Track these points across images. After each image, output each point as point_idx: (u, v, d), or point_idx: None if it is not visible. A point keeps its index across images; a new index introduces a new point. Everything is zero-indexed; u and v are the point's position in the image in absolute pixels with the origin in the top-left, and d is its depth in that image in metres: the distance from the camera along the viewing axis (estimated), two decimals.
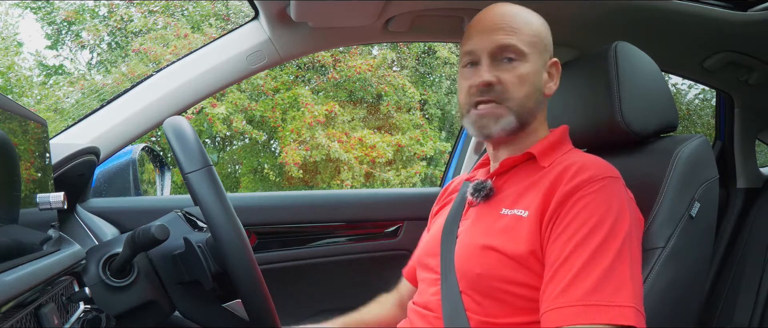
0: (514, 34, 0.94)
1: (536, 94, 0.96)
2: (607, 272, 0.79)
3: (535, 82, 0.96)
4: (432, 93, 7.96)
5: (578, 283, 0.79)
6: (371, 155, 7.11)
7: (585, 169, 0.88)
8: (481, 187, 0.98)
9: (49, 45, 7.89)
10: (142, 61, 6.70)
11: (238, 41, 1.39)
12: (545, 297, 0.83)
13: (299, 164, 6.88)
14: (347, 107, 7.50)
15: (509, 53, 0.94)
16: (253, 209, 1.60)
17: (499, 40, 0.93)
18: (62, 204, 0.78)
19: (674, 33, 1.44)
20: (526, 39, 0.94)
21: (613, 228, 0.82)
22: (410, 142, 7.34)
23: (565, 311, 0.79)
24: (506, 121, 0.94)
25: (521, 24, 0.95)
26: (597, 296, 0.78)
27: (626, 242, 0.82)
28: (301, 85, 7.37)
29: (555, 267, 0.82)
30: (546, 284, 0.83)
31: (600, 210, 0.83)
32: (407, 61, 7.84)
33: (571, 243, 0.82)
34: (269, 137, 7.61)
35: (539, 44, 0.97)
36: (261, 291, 0.90)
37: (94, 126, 1.32)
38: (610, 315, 0.77)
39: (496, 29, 0.94)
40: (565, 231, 0.84)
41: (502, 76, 0.93)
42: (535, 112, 0.97)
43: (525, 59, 0.94)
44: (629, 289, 0.79)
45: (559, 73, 1.02)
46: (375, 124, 7.71)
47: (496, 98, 0.94)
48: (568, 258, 0.81)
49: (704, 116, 7.52)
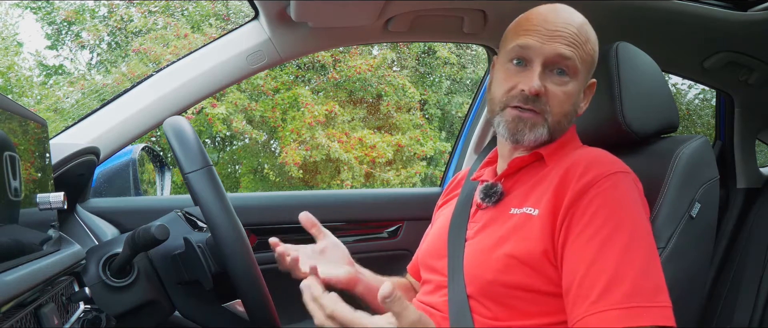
0: (575, 48, 0.89)
1: (572, 113, 0.94)
2: (643, 271, 0.78)
3: (575, 102, 0.94)
4: (432, 93, 7.96)
5: (616, 285, 0.77)
6: (371, 155, 7.11)
7: (595, 164, 0.86)
8: (492, 191, 0.96)
9: (49, 45, 7.90)
10: (142, 61, 6.70)
11: (238, 41, 1.38)
12: (579, 301, 0.80)
13: (299, 164, 6.88)
14: (347, 107, 7.50)
15: (564, 66, 0.90)
16: (253, 209, 1.60)
17: (561, 51, 0.89)
18: (62, 204, 0.78)
19: (674, 33, 1.44)
20: (583, 56, 0.91)
21: (635, 225, 0.81)
22: (410, 142, 7.34)
23: (606, 314, 0.76)
24: (540, 132, 0.91)
25: (583, 39, 0.91)
26: (638, 298, 0.76)
27: (652, 240, 0.82)
28: (301, 85, 7.37)
29: (583, 269, 0.80)
30: (577, 287, 0.80)
31: (618, 207, 0.82)
32: (407, 61, 7.85)
33: (594, 243, 0.80)
34: (269, 137, 7.61)
35: (591, 64, 0.94)
36: (261, 291, 0.90)
37: (94, 126, 1.32)
38: (652, 316, 0.76)
39: (558, 36, 0.89)
40: (585, 230, 0.82)
41: (549, 88, 0.90)
42: (565, 130, 0.96)
43: (576, 77, 0.91)
44: (665, 287, 0.79)
45: (592, 94, 0.99)
46: (375, 124, 7.71)
47: (538, 109, 0.90)
48: (597, 259, 0.79)
49: (704, 116, 7.53)
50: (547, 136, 0.92)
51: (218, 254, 0.92)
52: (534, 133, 0.91)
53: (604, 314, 0.77)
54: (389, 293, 0.70)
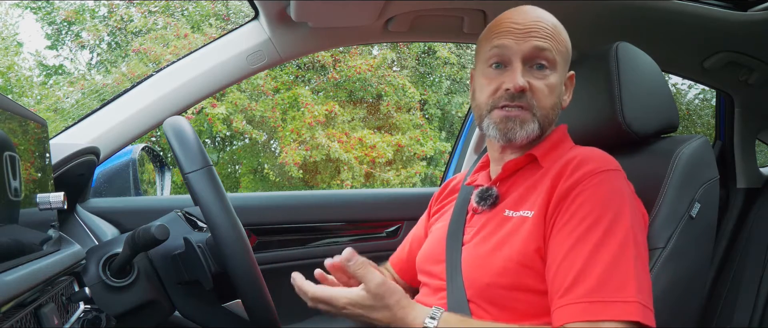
0: (550, 41, 0.92)
1: (558, 105, 0.96)
2: (610, 267, 0.78)
3: (558, 94, 0.95)
4: (432, 93, 7.96)
5: (582, 279, 0.79)
6: (371, 155, 7.11)
7: (584, 162, 0.87)
8: (487, 195, 0.97)
9: (49, 45, 7.91)
10: (142, 61, 6.70)
11: (238, 41, 1.39)
12: (551, 295, 0.82)
13: (299, 164, 6.88)
14: (347, 107, 7.50)
15: (542, 60, 0.92)
16: (253, 209, 1.60)
17: (536, 46, 0.91)
18: (62, 204, 0.78)
19: (674, 33, 1.44)
20: (558, 48, 0.93)
21: (613, 222, 0.81)
22: (410, 142, 7.34)
23: (569, 308, 0.78)
24: (531, 128, 0.93)
25: (556, 32, 0.93)
26: (601, 293, 0.77)
27: (630, 236, 0.81)
28: (301, 85, 7.38)
29: (557, 263, 0.82)
30: (551, 282, 0.83)
31: (600, 204, 0.83)
32: (407, 61, 7.84)
33: (571, 238, 0.82)
34: (269, 137, 7.61)
35: (567, 56, 0.96)
36: (261, 291, 0.90)
37: (94, 126, 1.32)
38: (614, 312, 0.76)
39: (532, 33, 0.91)
40: (566, 226, 0.83)
41: (533, 84, 0.92)
42: (553, 123, 0.97)
43: (555, 69, 0.93)
44: (633, 284, 0.78)
45: (573, 85, 1.01)
46: (375, 124, 7.71)
47: (525, 105, 0.92)
48: (569, 254, 0.81)
49: (704, 116, 7.52)
50: (538, 132, 0.94)
51: (218, 254, 0.92)
52: (525, 129, 0.92)
53: (567, 308, 0.78)
54: (350, 256, 0.82)
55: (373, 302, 0.82)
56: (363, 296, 0.83)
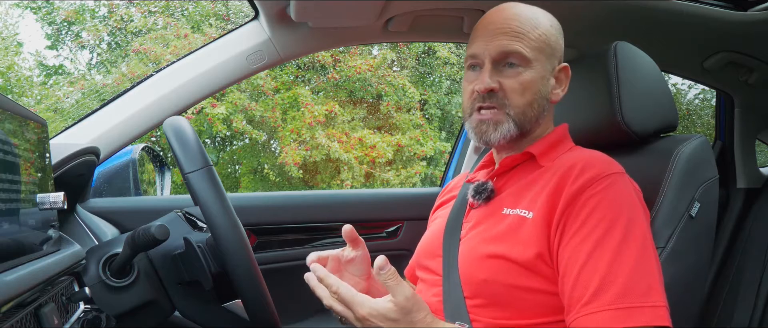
0: (518, 39, 0.91)
1: (540, 101, 0.94)
2: (634, 271, 0.78)
3: (539, 90, 0.93)
4: (432, 93, 7.96)
5: (607, 286, 0.78)
6: (371, 155, 7.11)
7: (589, 166, 0.87)
8: (483, 189, 0.97)
9: (49, 45, 7.90)
10: (142, 61, 6.69)
11: (238, 41, 1.39)
12: (573, 303, 0.80)
13: (299, 164, 6.88)
14: (347, 107, 7.50)
15: (512, 59, 0.91)
16: (253, 209, 1.60)
17: (503, 45, 0.91)
18: (62, 204, 0.78)
19: (674, 33, 1.44)
20: (531, 44, 0.91)
21: (629, 225, 0.81)
22: (410, 142, 7.34)
23: (597, 316, 0.77)
24: (506, 128, 0.92)
25: (528, 28, 0.92)
26: (630, 298, 0.77)
27: (647, 237, 0.82)
28: (301, 85, 7.38)
29: (576, 270, 0.80)
30: (571, 289, 0.81)
31: (612, 208, 0.82)
32: (407, 61, 7.84)
33: (587, 244, 0.81)
34: (269, 137, 7.61)
35: (546, 49, 0.94)
36: (261, 291, 0.90)
37: (94, 126, 1.32)
38: (645, 317, 0.76)
39: (500, 33, 0.91)
40: (579, 232, 0.82)
41: (504, 83, 0.91)
42: (538, 120, 0.95)
43: (529, 65, 0.92)
44: (658, 287, 0.78)
45: (569, 78, 0.99)
46: (375, 124, 7.71)
47: (497, 105, 0.92)
48: (589, 260, 0.80)
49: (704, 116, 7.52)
50: (515, 131, 0.93)
51: (218, 253, 0.92)
52: (499, 131, 0.93)
53: (596, 315, 0.77)
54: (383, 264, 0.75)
55: (398, 316, 0.78)
56: (388, 308, 0.78)
